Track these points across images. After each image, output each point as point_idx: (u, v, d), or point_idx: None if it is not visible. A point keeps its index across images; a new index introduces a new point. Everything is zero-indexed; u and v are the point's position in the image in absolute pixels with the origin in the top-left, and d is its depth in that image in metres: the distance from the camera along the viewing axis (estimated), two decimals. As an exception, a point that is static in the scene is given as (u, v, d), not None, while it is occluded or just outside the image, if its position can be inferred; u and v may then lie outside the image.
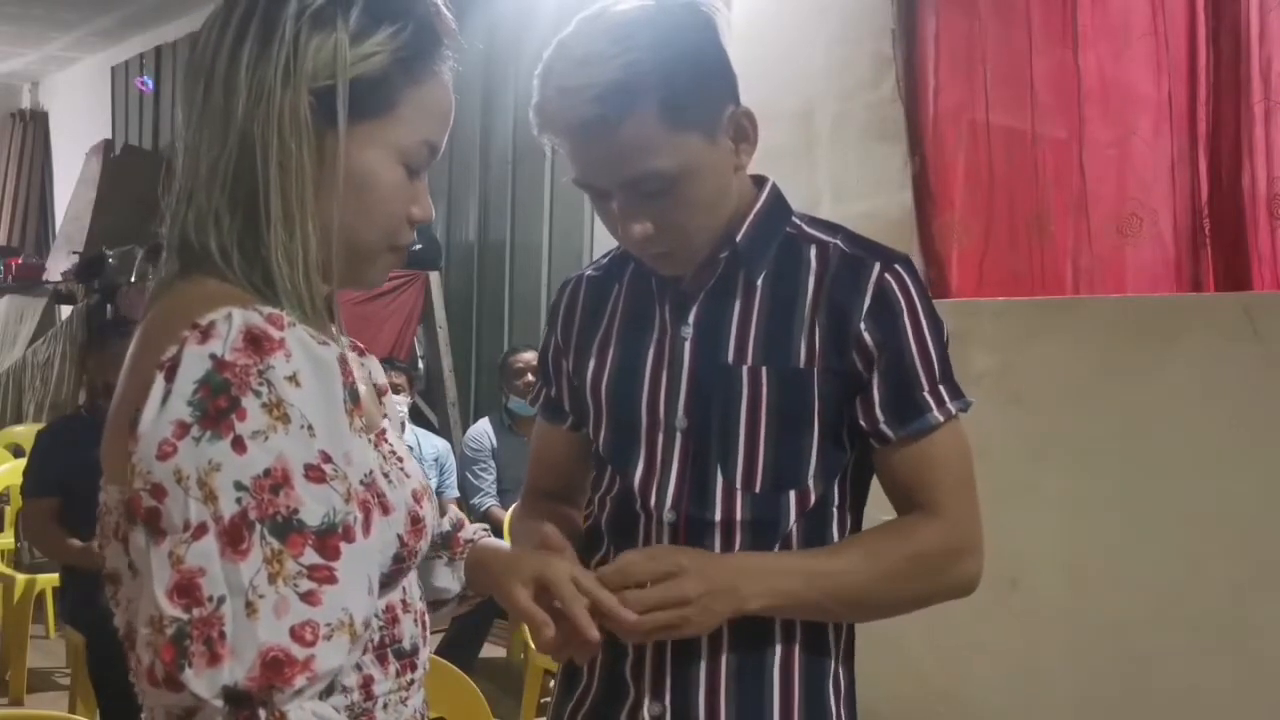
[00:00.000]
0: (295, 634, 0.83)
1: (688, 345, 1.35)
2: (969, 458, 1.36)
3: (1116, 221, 3.16)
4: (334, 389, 0.91)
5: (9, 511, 5.28)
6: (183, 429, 0.85)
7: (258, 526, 0.83)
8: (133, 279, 6.13)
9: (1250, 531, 2.74)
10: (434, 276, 5.63)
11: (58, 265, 7.70)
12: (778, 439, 1.32)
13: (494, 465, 4.78)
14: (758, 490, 1.32)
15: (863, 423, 1.33)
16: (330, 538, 0.86)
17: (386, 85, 0.98)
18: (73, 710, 3.65)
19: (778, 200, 1.40)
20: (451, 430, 5.46)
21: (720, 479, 1.33)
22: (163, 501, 0.84)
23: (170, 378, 0.86)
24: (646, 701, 1.34)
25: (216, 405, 0.85)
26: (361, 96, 0.96)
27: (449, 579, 1.26)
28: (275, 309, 0.91)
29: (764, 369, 1.32)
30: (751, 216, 1.36)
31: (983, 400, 1.47)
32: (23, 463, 4.13)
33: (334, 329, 1.08)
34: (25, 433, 5.30)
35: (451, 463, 4.88)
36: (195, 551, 0.83)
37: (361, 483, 0.94)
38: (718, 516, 1.33)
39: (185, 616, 0.82)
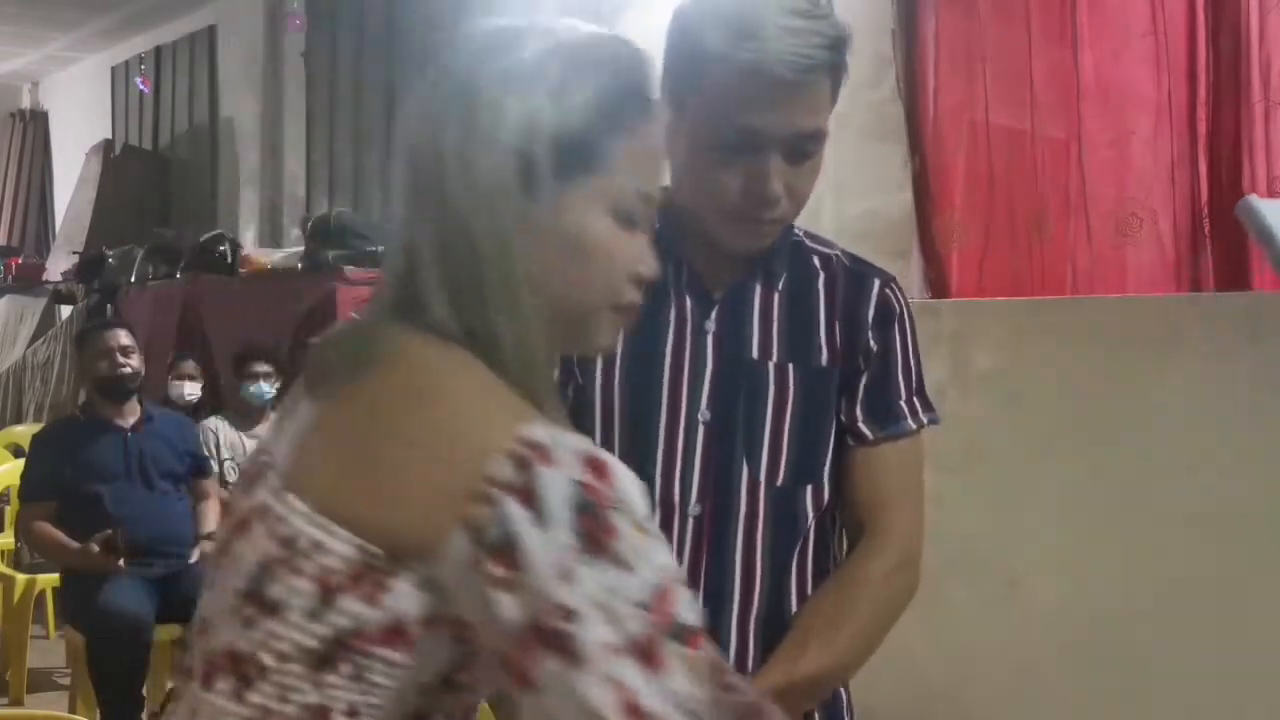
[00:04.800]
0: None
1: (710, 339, 1.37)
2: (923, 470, 1.42)
3: (1116, 221, 3.15)
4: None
5: (9, 512, 5.28)
6: (571, 553, 0.83)
7: (664, 641, 0.83)
8: (133, 279, 6.13)
9: (1250, 531, 2.74)
10: (434, 276, 5.61)
11: (58, 265, 7.70)
12: (800, 434, 1.37)
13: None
14: (780, 484, 1.36)
15: (843, 418, 1.39)
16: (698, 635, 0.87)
17: (592, 140, 0.94)
18: (73, 710, 3.65)
19: None
20: (451, 430, 5.44)
21: (745, 471, 1.36)
22: (571, 623, 0.82)
23: (529, 503, 0.84)
24: None
25: (593, 529, 0.84)
26: (566, 154, 0.93)
27: None
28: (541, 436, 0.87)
29: (790, 366, 1.37)
30: None
31: (983, 400, 1.49)
32: (22, 463, 4.13)
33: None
34: (25, 433, 5.29)
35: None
36: (622, 670, 0.82)
37: None
38: (742, 509, 1.35)
39: None
